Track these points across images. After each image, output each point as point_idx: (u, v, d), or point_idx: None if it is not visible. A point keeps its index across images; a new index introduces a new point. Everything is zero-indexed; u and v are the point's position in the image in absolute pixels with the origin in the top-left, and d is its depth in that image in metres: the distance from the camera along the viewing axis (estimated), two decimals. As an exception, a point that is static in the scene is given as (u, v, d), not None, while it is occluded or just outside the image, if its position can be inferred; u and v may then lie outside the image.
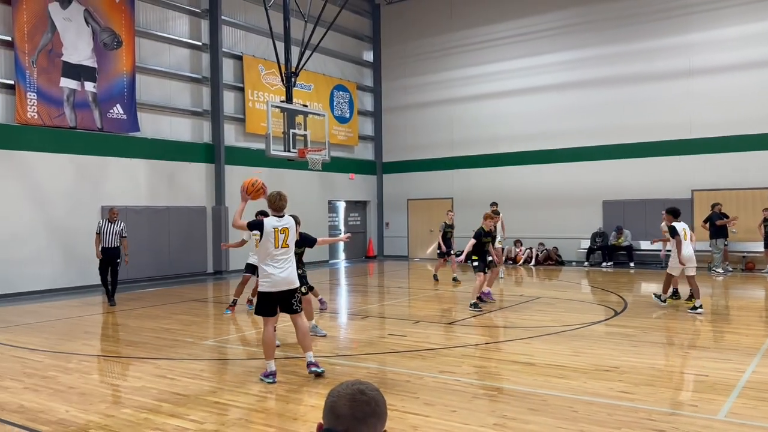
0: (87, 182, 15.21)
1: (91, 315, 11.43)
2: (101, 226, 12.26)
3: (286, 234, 6.42)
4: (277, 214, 6.51)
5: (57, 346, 8.53)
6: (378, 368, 7.06)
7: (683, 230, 10.68)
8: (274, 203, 6.49)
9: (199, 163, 17.99)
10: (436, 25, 23.07)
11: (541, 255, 20.24)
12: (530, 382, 6.29)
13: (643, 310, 10.70)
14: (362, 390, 1.85)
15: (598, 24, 19.80)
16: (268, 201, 6.55)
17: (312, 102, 20.90)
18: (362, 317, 10.52)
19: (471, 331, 9.32)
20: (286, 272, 6.37)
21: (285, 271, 6.36)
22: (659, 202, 18.54)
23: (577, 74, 20.14)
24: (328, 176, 21.81)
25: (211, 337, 9.09)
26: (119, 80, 15.93)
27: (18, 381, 6.71)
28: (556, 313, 10.69)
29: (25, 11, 14.05)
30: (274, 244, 6.33)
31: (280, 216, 6.48)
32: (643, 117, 18.97)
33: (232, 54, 19.07)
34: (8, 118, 13.94)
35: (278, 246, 6.35)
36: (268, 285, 6.36)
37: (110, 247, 12.16)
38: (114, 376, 7.11)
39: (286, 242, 6.40)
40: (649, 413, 5.28)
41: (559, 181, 20.37)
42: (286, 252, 6.41)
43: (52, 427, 5.20)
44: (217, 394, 6.08)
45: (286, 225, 6.45)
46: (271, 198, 6.50)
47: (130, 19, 16.17)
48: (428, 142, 23.34)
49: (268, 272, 6.35)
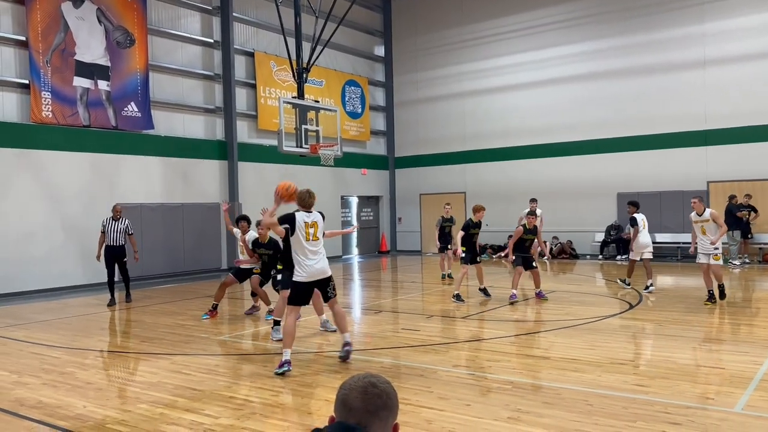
0: (102, 180, 15.34)
1: (107, 311, 11.54)
2: (105, 224, 12.08)
3: (315, 228, 6.77)
4: (306, 210, 6.85)
5: (74, 343, 8.63)
6: (392, 362, 7.07)
7: (642, 221, 12.26)
8: (304, 201, 6.86)
9: (212, 160, 18.09)
10: (447, 19, 22.97)
11: (555, 248, 20.14)
12: (544, 375, 6.27)
13: (658, 304, 10.62)
14: (374, 383, 1.85)
15: (611, 15, 19.62)
16: (298, 198, 6.84)
17: (324, 98, 20.91)
18: (376, 312, 10.54)
19: (484, 326, 9.30)
20: (320, 263, 6.73)
21: (318, 262, 6.71)
22: (675, 194, 18.38)
23: (589, 66, 19.97)
24: (341, 172, 21.83)
25: (226, 333, 9.15)
26: (133, 78, 16.03)
27: (36, 377, 6.80)
28: (570, 306, 10.64)
29: (39, 11, 14.18)
30: (305, 238, 6.68)
31: (309, 212, 6.83)
32: (657, 108, 18.78)
33: (243, 51, 19.13)
34: (23, 117, 14.09)
35: (309, 239, 6.71)
36: (303, 276, 6.69)
37: (114, 246, 11.94)
38: (130, 371, 7.18)
39: (315, 235, 6.76)
40: (664, 406, 5.25)
41: (573, 173, 20.25)
42: (316, 244, 6.76)
43: (70, 422, 5.26)
44: (232, 389, 6.13)
45: (314, 219, 6.80)
46: (301, 195, 6.83)
47: (142, 17, 16.25)
48: (440, 136, 23.28)
49: (302, 263, 6.68)
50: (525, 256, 11.43)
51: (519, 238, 11.34)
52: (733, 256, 16.62)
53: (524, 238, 11.36)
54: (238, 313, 10.99)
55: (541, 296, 11.29)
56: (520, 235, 11.32)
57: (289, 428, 5.00)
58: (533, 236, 11.43)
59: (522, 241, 11.38)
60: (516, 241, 11.39)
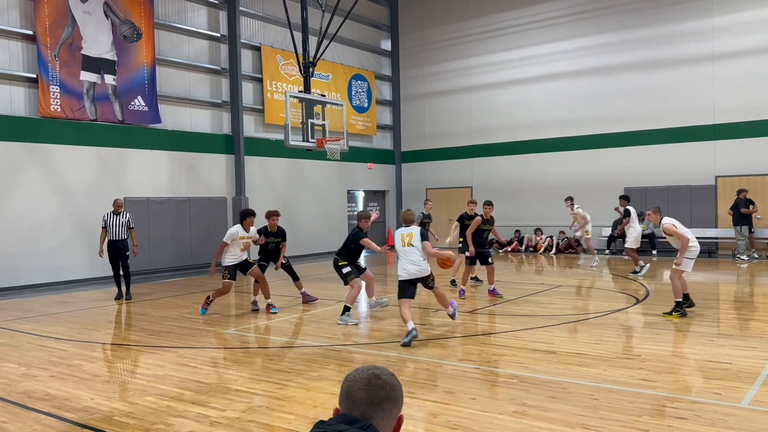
0: (109, 174, 15.39)
1: (114, 305, 11.60)
2: (106, 219, 11.97)
3: (410, 237, 8.10)
4: (405, 226, 8.31)
5: (81, 336, 8.68)
6: (398, 357, 7.07)
7: (633, 213, 14.06)
8: (404, 218, 8.39)
9: (218, 154, 18.12)
10: (454, 12, 22.88)
11: (561, 243, 20.09)
12: (550, 370, 6.26)
13: (665, 298, 10.57)
14: (377, 374, 1.86)
15: (619, 8, 19.49)
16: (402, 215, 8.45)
17: (330, 92, 20.89)
18: (382, 306, 10.54)
19: (491, 320, 9.30)
20: (413, 265, 8.00)
21: (413, 264, 8.00)
22: (682, 189, 18.29)
23: (597, 60, 19.87)
24: (347, 166, 21.83)
25: (232, 326, 9.18)
26: (140, 72, 16.06)
27: (44, 369, 6.84)
28: (576, 301, 10.62)
29: (47, 5, 14.21)
30: (401, 245, 8.10)
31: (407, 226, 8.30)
32: (665, 102, 18.68)
33: (250, 45, 19.12)
34: (32, 111, 14.15)
35: (404, 245, 8.08)
36: (405, 274, 8.01)
37: (116, 240, 11.86)
38: (137, 364, 7.22)
39: (410, 243, 8.07)
40: (671, 401, 5.23)
41: (580, 168, 20.17)
42: (410, 250, 8.06)
43: (78, 415, 5.30)
44: (238, 382, 6.15)
45: (410, 231, 8.16)
46: (402, 213, 8.47)
47: (149, 11, 16.27)
48: (447, 130, 23.24)
49: (402, 266, 8.06)
50: (481, 251, 11.05)
51: (476, 230, 11.00)
52: (741, 252, 16.53)
53: (482, 229, 11.06)
54: (244, 306, 11.02)
55: (494, 294, 10.91)
56: (477, 224, 10.99)
57: (294, 421, 5.01)
58: (490, 227, 11.23)
59: (479, 232, 11.05)
60: (473, 232, 11.01)
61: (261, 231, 10.44)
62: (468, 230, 11.13)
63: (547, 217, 20.61)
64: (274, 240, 10.56)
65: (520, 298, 11.00)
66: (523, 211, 21.25)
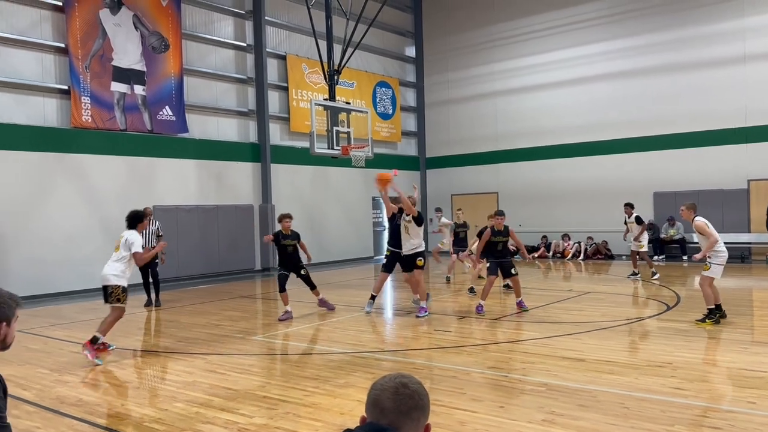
0: (138, 183, 15.65)
1: (144, 312, 11.77)
2: None
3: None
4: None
5: (112, 342, 8.80)
6: (424, 363, 7.05)
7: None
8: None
9: (245, 162, 18.31)
10: (478, 18, 22.84)
11: (589, 249, 19.85)
12: (579, 377, 6.17)
13: (697, 305, 10.36)
14: (405, 383, 1.85)
15: (647, 11, 19.26)
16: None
17: (355, 99, 20.98)
18: (407, 313, 10.52)
19: (518, 327, 9.21)
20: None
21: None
22: (714, 193, 17.95)
23: (625, 63, 19.64)
24: (372, 172, 21.78)
25: (260, 333, 9.24)
26: (167, 83, 16.33)
27: (76, 375, 6.97)
28: (605, 307, 10.48)
29: (78, 18, 14.54)
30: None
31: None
32: (696, 105, 18.37)
33: (276, 54, 19.32)
34: (63, 122, 14.46)
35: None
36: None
37: (146, 248, 12.10)
38: (166, 371, 7.30)
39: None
40: (704, 410, 5.12)
41: (608, 173, 19.93)
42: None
43: (109, 420, 5.38)
44: (265, 388, 6.18)
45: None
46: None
47: (176, 22, 16.54)
48: (472, 136, 23.16)
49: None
50: (502, 262, 10.27)
51: (488, 242, 10.26)
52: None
53: (494, 242, 10.24)
54: (271, 313, 11.09)
55: (521, 306, 10.20)
56: (488, 237, 10.25)
57: (321, 428, 5.02)
58: (504, 238, 10.26)
59: (492, 245, 10.25)
60: (484, 245, 10.34)
61: (275, 234, 10.64)
62: (479, 243, 10.61)
63: (574, 222, 20.39)
64: (290, 242, 10.60)
65: (548, 304, 10.88)
66: (550, 216, 21.05)
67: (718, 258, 8.64)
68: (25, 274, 13.32)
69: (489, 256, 10.42)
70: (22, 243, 13.52)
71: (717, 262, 8.65)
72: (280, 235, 10.57)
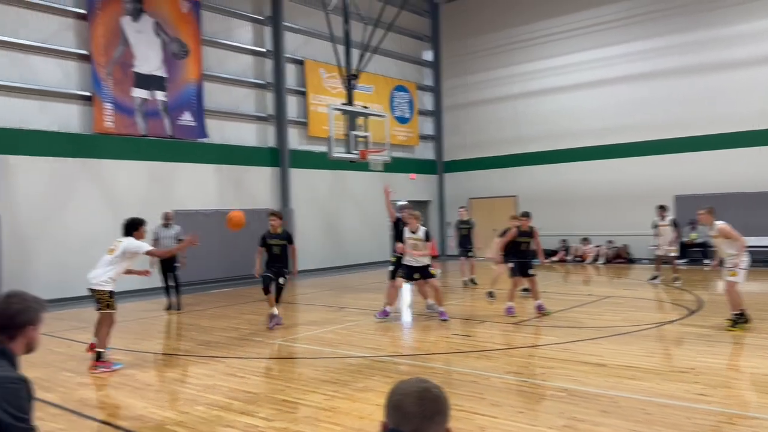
0: (158, 187, 15.82)
1: (165, 315, 11.88)
2: (157, 231, 12.34)
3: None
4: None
5: (133, 345, 8.91)
6: (443, 368, 7.03)
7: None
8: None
9: (264, 167, 18.42)
10: (496, 21, 22.78)
11: (610, 253, 19.66)
12: (600, 383, 6.11)
13: (720, 309, 10.21)
14: (428, 388, 1.85)
15: (666, 12, 19.07)
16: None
17: (372, 103, 21.01)
18: (426, 317, 10.50)
19: (538, 332, 9.15)
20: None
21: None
22: (738, 196, 17.67)
23: (646, 65, 19.45)
24: (389, 177, 21.82)
25: (280, 337, 9.28)
26: (187, 88, 16.50)
27: (98, 378, 7.05)
28: (626, 312, 10.37)
29: (101, 26, 14.76)
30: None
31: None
32: (719, 107, 18.13)
33: (294, 59, 19.43)
34: (86, 128, 14.67)
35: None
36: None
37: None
38: (187, 374, 7.36)
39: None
40: (728, 417, 5.05)
41: (629, 176, 19.73)
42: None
43: (131, 423, 5.44)
44: (285, 392, 6.21)
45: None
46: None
47: (196, 28, 16.72)
48: (490, 139, 23.08)
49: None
50: (522, 261, 10.34)
51: (512, 242, 10.39)
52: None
53: (518, 241, 10.34)
54: (289, 317, 11.13)
55: (541, 310, 10.20)
56: (513, 237, 10.36)
57: (341, 432, 5.03)
58: (528, 239, 10.39)
59: (516, 244, 10.35)
60: (507, 244, 10.40)
61: (263, 240, 10.15)
62: (501, 240, 10.72)
63: (594, 226, 20.22)
64: (277, 242, 10.02)
65: (568, 309, 10.79)
66: (570, 220, 20.89)
67: (744, 262, 8.49)
68: (49, 277, 13.51)
69: (511, 256, 10.49)
70: (46, 247, 13.72)
71: (744, 266, 8.49)
72: (267, 234, 10.09)
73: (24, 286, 12.55)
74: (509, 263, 10.68)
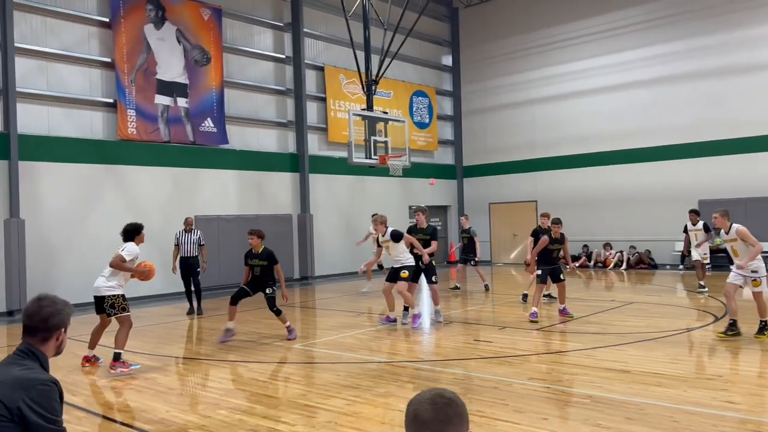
0: (181, 193, 15.97)
1: (186, 320, 11.97)
2: (179, 236, 12.54)
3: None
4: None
5: (156, 350, 8.98)
6: (464, 374, 6.98)
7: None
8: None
9: (284, 172, 18.52)
10: (515, 26, 22.71)
11: (632, 258, 19.44)
12: (625, 390, 6.03)
13: (747, 315, 10.04)
14: (440, 393, 1.87)
15: (688, 15, 18.86)
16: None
17: (392, 109, 21.05)
18: (446, 322, 10.46)
19: (560, 338, 9.06)
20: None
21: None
22: (763, 201, 17.39)
23: (667, 68, 19.24)
24: (409, 181, 21.88)
25: (300, 342, 9.29)
26: (209, 95, 16.66)
27: (122, 382, 7.12)
28: (650, 318, 10.23)
29: (124, 34, 14.98)
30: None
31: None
32: (741, 111, 17.86)
33: (314, 65, 19.53)
34: (109, 135, 14.87)
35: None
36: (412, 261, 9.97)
37: (188, 257, 12.33)
38: (209, 378, 7.41)
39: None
40: (757, 425, 4.95)
41: (651, 180, 19.50)
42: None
43: (155, 426, 5.48)
44: (306, 397, 6.21)
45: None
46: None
47: (218, 36, 16.89)
48: (509, 144, 22.97)
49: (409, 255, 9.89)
50: (553, 268, 10.45)
51: (544, 249, 10.39)
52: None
53: (550, 249, 10.38)
54: (309, 322, 11.15)
55: (565, 313, 10.35)
56: (544, 245, 10.34)
57: (363, 437, 5.01)
58: (560, 246, 10.50)
59: (548, 252, 10.39)
60: (540, 252, 10.42)
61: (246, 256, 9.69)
62: (534, 249, 10.71)
63: (616, 231, 20.00)
64: (257, 263, 9.45)
65: (591, 315, 10.68)
66: (591, 225, 20.70)
67: (763, 270, 8.24)
68: (73, 282, 13.66)
69: (542, 263, 10.51)
70: (72, 252, 13.91)
71: (764, 274, 8.25)
72: (248, 253, 9.63)
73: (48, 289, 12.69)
74: (538, 269, 10.67)
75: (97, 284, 7.86)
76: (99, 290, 7.80)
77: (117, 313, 7.73)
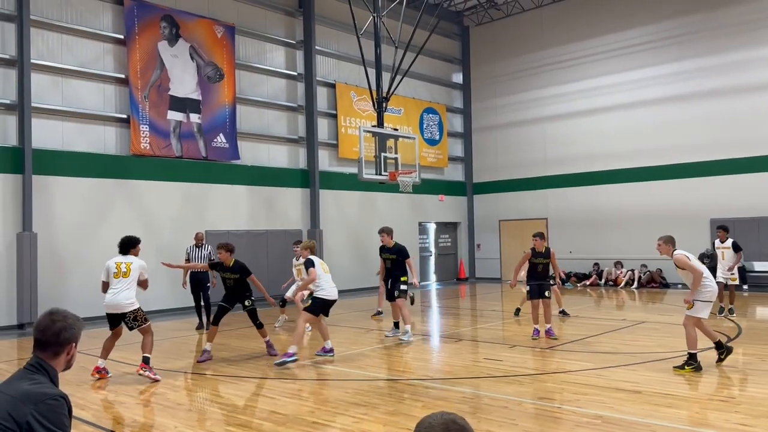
0: (192, 208, 16.06)
1: (195, 335, 11.98)
2: (189, 251, 12.65)
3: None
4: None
5: (165, 365, 8.98)
6: (473, 393, 6.93)
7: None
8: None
9: (295, 188, 18.60)
10: (526, 44, 22.80)
11: (644, 277, 19.29)
12: (636, 410, 5.96)
13: (759, 336, 9.93)
14: (453, 419, 1.87)
15: (700, 34, 18.86)
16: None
17: (402, 125, 21.14)
18: (455, 340, 10.40)
19: (570, 357, 8.98)
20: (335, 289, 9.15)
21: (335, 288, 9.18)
22: (775, 220, 17.25)
23: (678, 87, 19.22)
24: (419, 198, 21.89)
25: (308, 358, 9.27)
26: (221, 111, 16.81)
27: (131, 397, 7.12)
28: (662, 338, 10.13)
29: (138, 50, 15.18)
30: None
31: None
32: (753, 130, 17.79)
33: (325, 82, 19.69)
34: (122, 150, 15.02)
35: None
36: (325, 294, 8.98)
37: (199, 272, 12.41)
38: (217, 394, 7.39)
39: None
40: (772, 449, 4.86)
41: (662, 199, 19.41)
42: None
43: (163, 442, 5.46)
44: (315, 414, 6.18)
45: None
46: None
47: (230, 52, 17.08)
48: (520, 161, 22.97)
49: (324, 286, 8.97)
50: (539, 283, 10.27)
51: (529, 264, 10.30)
52: None
53: (534, 263, 10.29)
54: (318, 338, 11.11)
55: (550, 335, 10.12)
56: (527, 258, 10.32)
57: (371, 456, 4.98)
58: (545, 260, 10.27)
59: (533, 266, 10.31)
60: (525, 267, 10.36)
61: (213, 265, 9.76)
62: (518, 263, 10.75)
63: (627, 249, 19.88)
64: (229, 276, 9.40)
65: (601, 334, 10.59)
66: (602, 243, 20.60)
67: (703, 294, 7.64)
68: (84, 296, 13.72)
69: (530, 279, 10.45)
70: (83, 266, 13.97)
71: (702, 298, 7.64)
72: (220, 266, 9.50)
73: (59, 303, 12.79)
74: (526, 286, 10.61)
75: (117, 301, 8.10)
76: (121, 307, 8.09)
77: (140, 324, 8.12)
